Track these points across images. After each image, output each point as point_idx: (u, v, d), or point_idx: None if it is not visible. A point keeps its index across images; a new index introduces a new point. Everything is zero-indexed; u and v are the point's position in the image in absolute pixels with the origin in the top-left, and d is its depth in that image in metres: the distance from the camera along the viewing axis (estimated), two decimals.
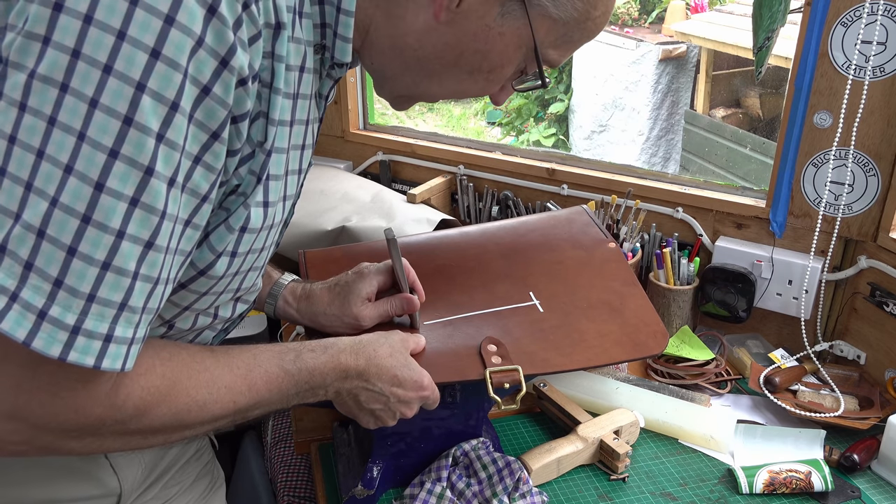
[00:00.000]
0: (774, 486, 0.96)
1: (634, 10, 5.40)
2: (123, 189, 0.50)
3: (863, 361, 1.22)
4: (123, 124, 0.49)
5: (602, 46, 5.21)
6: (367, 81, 1.70)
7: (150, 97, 0.49)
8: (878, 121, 1.12)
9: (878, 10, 1.06)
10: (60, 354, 0.50)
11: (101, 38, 0.48)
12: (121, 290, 0.52)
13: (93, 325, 0.51)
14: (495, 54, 0.67)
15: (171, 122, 0.51)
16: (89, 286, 0.50)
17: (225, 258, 0.63)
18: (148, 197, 0.51)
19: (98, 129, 0.49)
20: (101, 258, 0.50)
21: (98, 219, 0.50)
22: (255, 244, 0.66)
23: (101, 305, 0.51)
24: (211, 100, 0.52)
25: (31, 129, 0.48)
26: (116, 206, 0.50)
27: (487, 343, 0.87)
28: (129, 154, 0.50)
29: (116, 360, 0.53)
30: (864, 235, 1.19)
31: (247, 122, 0.57)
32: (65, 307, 0.50)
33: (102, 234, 0.50)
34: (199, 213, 0.57)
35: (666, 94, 5.03)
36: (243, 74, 0.54)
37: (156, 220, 0.52)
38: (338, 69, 0.69)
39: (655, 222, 1.38)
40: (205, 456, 0.96)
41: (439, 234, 1.11)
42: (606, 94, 5.23)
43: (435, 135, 1.65)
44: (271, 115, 0.59)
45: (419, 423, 0.94)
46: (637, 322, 0.93)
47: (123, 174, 0.50)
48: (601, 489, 0.98)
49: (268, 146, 0.60)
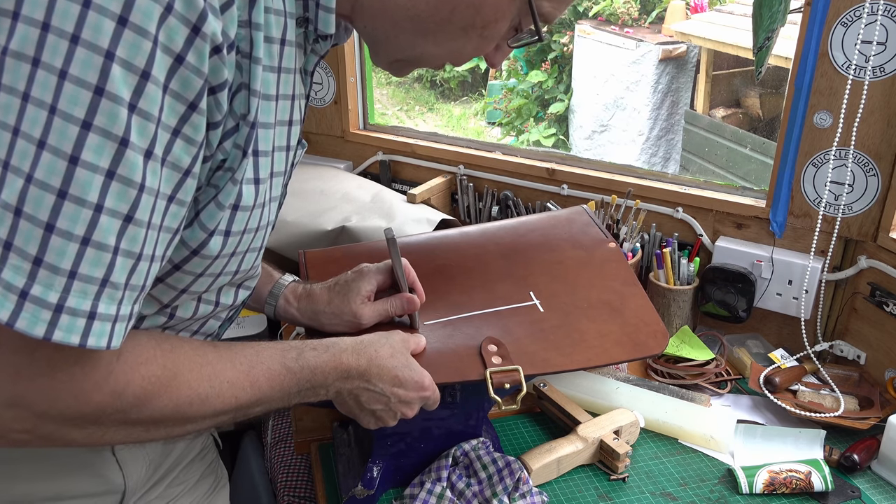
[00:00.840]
0: (774, 486, 0.96)
1: (634, 10, 5.40)
2: (98, 161, 0.49)
3: (863, 361, 1.22)
4: (94, 94, 0.48)
5: (602, 46, 5.21)
6: (367, 81, 1.70)
7: (120, 66, 0.48)
8: (878, 121, 1.12)
9: (878, 10, 1.06)
10: (45, 334, 0.49)
11: (68, 7, 0.47)
12: (101, 265, 0.51)
13: (76, 303, 0.50)
14: (488, 7, 0.66)
15: (143, 91, 0.49)
16: (70, 263, 0.49)
17: (218, 237, 0.63)
18: (124, 169, 0.50)
19: (69, 100, 0.48)
20: (80, 233, 0.49)
21: (74, 193, 0.49)
22: (250, 223, 0.65)
23: (82, 282, 0.50)
24: (185, 69, 0.51)
25: (7, 108, 0.48)
26: (92, 180, 0.49)
27: (488, 343, 0.87)
28: (102, 125, 0.49)
29: (101, 337, 0.52)
30: (864, 235, 1.19)
31: (226, 93, 0.55)
32: (46, 285, 0.49)
33: (80, 209, 0.49)
34: (182, 188, 0.56)
35: (666, 94, 5.04)
36: (217, 42, 0.52)
37: (134, 193, 0.51)
38: (322, 42, 0.69)
39: (655, 222, 1.38)
40: (209, 455, 0.96)
41: (439, 234, 1.11)
42: (607, 94, 5.23)
43: (435, 135, 1.65)
44: (252, 85, 0.58)
45: (419, 423, 0.94)
46: (637, 322, 0.93)
47: (98, 146, 0.49)
48: (601, 489, 0.98)
49: (251, 118, 0.59)
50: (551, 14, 0.70)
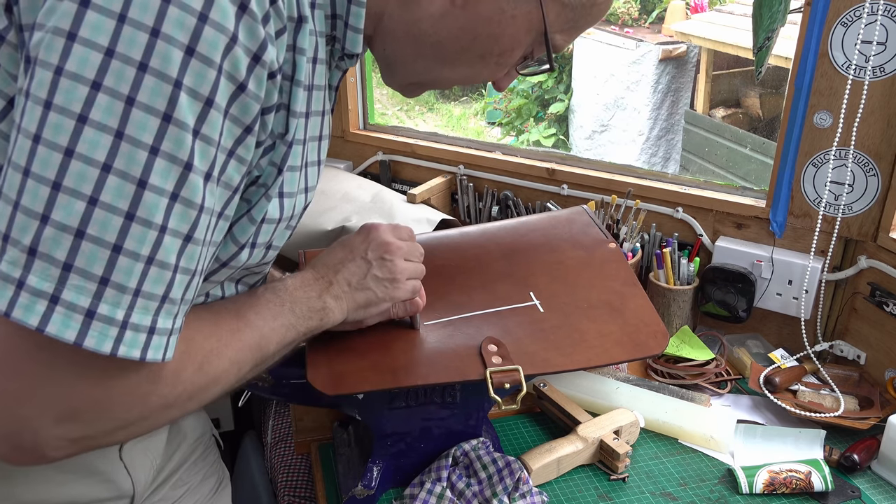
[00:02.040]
0: (774, 486, 0.96)
1: (634, 10, 5.40)
2: (165, 185, 0.50)
3: (863, 361, 1.22)
4: (163, 121, 0.49)
5: (602, 46, 5.22)
6: (367, 81, 1.70)
7: (187, 94, 0.50)
8: (878, 121, 1.12)
9: (878, 10, 1.06)
10: (112, 350, 0.51)
11: (135, 35, 0.48)
12: (163, 283, 0.52)
13: (139, 319, 0.52)
14: (507, 38, 0.68)
15: (206, 117, 0.51)
16: (136, 281, 0.51)
17: (247, 250, 0.64)
18: (187, 192, 0.52)
19: (137, 126, 0.49)
20: (146, 254, 0.51)
21: (142, 215, 0.50)
22: (275, 235, 0.67)
23: (145, 299, 0.52)
24: (246, 96, 0.53)
25: (58, 128, 0.48)
26: (159, 202, 0.50)
27: (488, 343, 0.87)
28: (169, 150, 0.50)
29: (158, 350, 0.54)
30: (864, 235, 1.19)
31: (272, 115, 0.57)
32: (113, 304, 0.50)
33: (147, 231, 0.50)
34: (230, 204, 0.58)
35: (666, 94, 5.04)
36: (273, 68, 0.54)
37: (194, 214, 0.53)
38: (347, 60, 0.70)
39: (655, 222, 1.38)
40: (210, 455, 0.97)
41: (439, 234, 1.11)
42: (607, 94, 5.23)
43: (435, 135, 1.65)
44: (292, 107, 0.59)
45: (419, 423, 0.94)
46: (637, 322, 0.93)
47: (164, 170, 0.50)
48: (601, 489, 0.98)
49: (289, 138, 0.61)
50: (561, 46, 0.72)
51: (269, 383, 0.92)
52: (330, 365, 0.83)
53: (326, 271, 0.79)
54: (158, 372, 0.57)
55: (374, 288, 0.80)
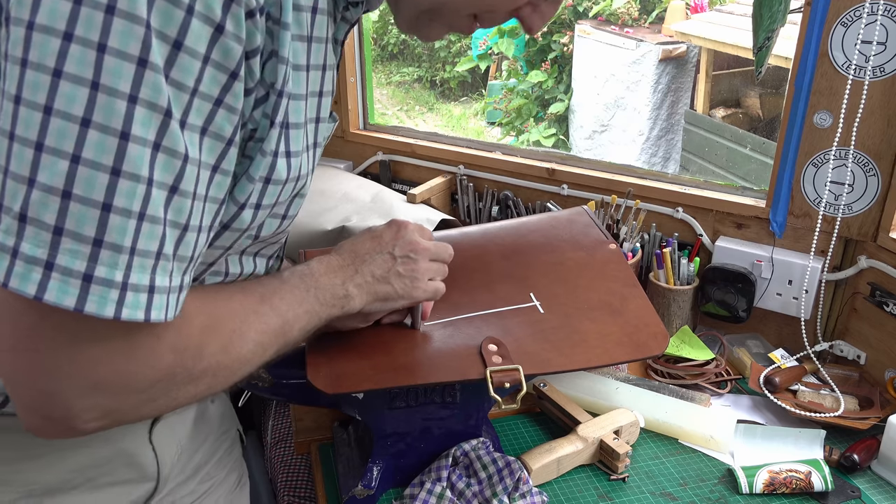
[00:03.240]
0: (774, 486, 0.96)
1: (634, 10, 5.40)
2: (147, 135, 0.48)
3: (863, 361, 1.22)
4: (138, 67, 0.47)
5: (602, 46, 5.22)
6: (367, 81, 1.70)
7: (155, 36, 0.47)
8: (878, 121, 1.12)
9: (878, 10, 1.06)
10: (115, 313, 0.49)
11: None
12: (155, 238, 0.50)
13: (138, 279, 0.50)
14: None
15: (176, 61, 0.48)
16: (131, 240, 0.49)
17: (250, 210, 0.62)
18: (169, 140, 0.49)
19: (112, 74, 0.46)
20: (137, 209, 0.49)
21: (129, 169, 0.48)
22: (282, 196, 0.64)
23: (142, 258, 0.50)
24: (225, 37, 0.50)
25: (35, 85, 0.46)
26: (144, 154, 0.48)
27: (488, 343, 0.87)
28: (148, 98, 0.48)
29: (160, 310, 0.52)
30: (864, 235, 1.19)
31: (258, 60, 0.55)
32: (110, 265, 0.48)
33: (136, 185, 0.48)
34: (226, 157, 0.55)
35: (666, 94, 5.04)
36: (251, 6, 0.52)
37: (179, 164, 0.50)
38: (353, 10, 0.67)
39: (655, 222, 1.38)
40: (235, 451, 0.97)
41: (440, 234, 1.11)
42: (607, 94, 5.23)
43: (435, 135, 1.65)
44: (281, 52, 0.56)
45: (419, 423, 0.94)
46: (638, 323, 0.93)
47: (145, 119, 0.48)
48: (601, 489, 0.98)
49: (278, 87, 0.58)
50: None
51: (269, 383, 0.92)
52: (330, 365, 0.83)
53: (354, 258, 0.79)
54: (182, 343, 0.57)
55: (395, 284, 0.80)
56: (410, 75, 7.44)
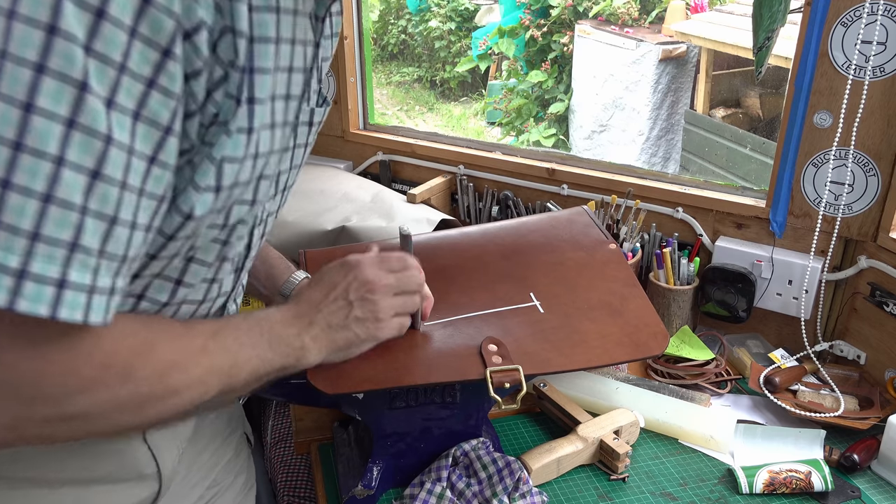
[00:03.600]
0: (774, 486, 0.96)
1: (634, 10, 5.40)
2: (57, 109, 0.44)
3: (863, 361, 1.22)
4: (47, 34, 0.43)
5: (602, 46, 5.22)
6: (367, 81, 1.70)
7: (72, 2, 0.43)
8: (878, 121, 1.12)
9: (878, 10, 1.06)
10: (6, 303, 0.44)
11: None
12: (68, 226, 0.46)
13: (41, 268, 0.45)
14: None
15: (99, 31, 0.44)
16: (31, 223, 0.44)
17: (208, 194, 0.57)
18: (86, 118, 0.45)
19: (19, 42, 0.42)
20: (41, 189, 0.44)
21: (31, 144, 0.43)
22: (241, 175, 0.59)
23: (48, 245, 0.45)
24: (154, 9, 0.46)
25: None
26: (51, 128, 0.44)
27: (488, 343, 0.87)
28: (58, 67, 0.43)
29: (75, 309, 0.47)
30: (864, 235, 1.19)
31: (204, 37, 0.50)
32: (6, 249, 0.43)
33: (39, 161, 0.44)
34: (164, 148, 0.50)
35: (666, 94, 5.04)
36: None
37: (99, 146, 0.46)
38: None
39: (655, 222, 1.38)
40: (243, 453, 0.97)
41: (439, 234, 1.11)
42: (607, 94, 5.23)
43: (435, 135, 1.65)
44: (237, 27, 0.52)
45: (419, 423, 0.94)
46: (638, 323, 0.93)
47: (55, 91, 0.43)
48: (601, 489, 0.98)
49: (240, 63, 0.54)
50: None
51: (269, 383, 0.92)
52: (330, 365, 0.83)
53: (309, 308, 0.76)
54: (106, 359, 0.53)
55: (356, 329, 0.78)
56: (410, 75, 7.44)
